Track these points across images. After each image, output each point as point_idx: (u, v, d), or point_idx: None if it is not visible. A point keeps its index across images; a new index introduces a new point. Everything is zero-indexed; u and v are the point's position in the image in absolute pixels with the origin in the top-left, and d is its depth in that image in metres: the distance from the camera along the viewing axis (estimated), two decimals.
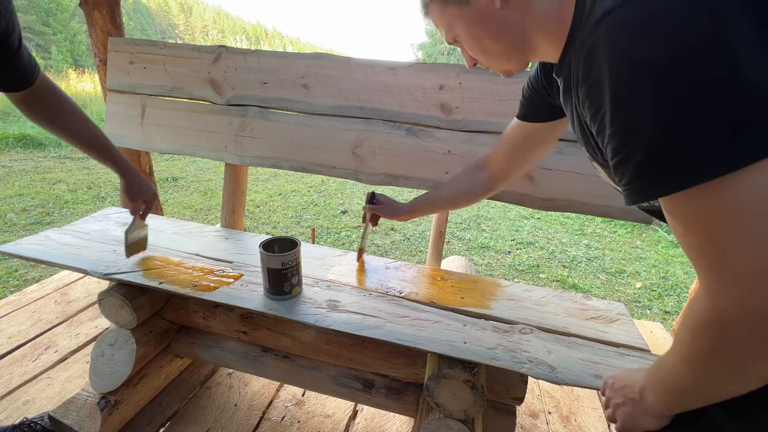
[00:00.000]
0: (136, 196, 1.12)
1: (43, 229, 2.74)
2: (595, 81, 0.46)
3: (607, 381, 0.66)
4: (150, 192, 1.15)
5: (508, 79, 1.26)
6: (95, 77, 9.45)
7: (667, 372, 0.52)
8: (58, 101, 0.98)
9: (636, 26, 0.41)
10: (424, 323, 0.98)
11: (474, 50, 0.65)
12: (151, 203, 1.17)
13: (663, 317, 2.74)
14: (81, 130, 1.03)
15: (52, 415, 1.14)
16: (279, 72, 1.44)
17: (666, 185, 0.42)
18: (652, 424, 0.56)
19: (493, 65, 0.67)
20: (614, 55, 0.43)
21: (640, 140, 0.42)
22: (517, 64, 0.65)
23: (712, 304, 0.42)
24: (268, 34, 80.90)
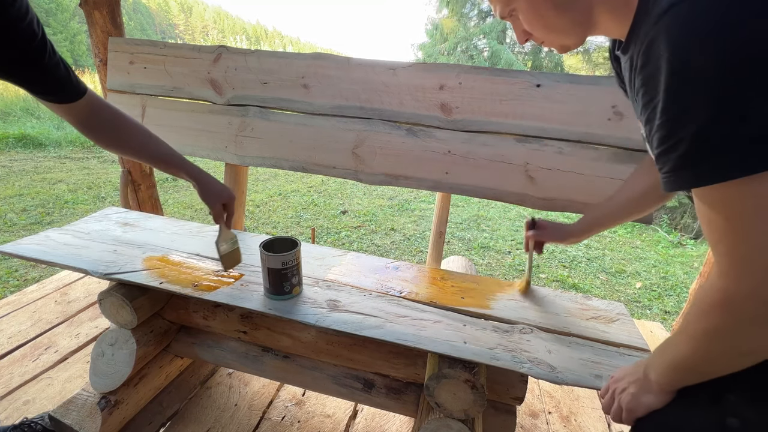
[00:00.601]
0: (214, 201, 1.05)
1: (43, 229, 2.74)
2: (651, 71, 0.48)
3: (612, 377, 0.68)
4: (228, 195, 1.08)
5: (508, 79, 1.26)
6: (95, 77, 9.43)
7: (673, 348, 0.56)
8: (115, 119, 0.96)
9: (697, 24, 0.42)
10: (424, 323, 0.98)
11: (533, 24, 0.63)
12: (232, 207, 1.09)
13: (663, 317, 2.74)
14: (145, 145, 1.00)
15: (53, 415, 1.14)
16: (279, 72, 1.44)
17: (703, 178, 0.45)
18: (654, 402, 0.59)
19: (550, 40, 0.65)
20: (672, 51, 0.44)
21: (685, 134, 0.45)
22: (576, 38, 0.64)
23: (724, 285, 0.47)
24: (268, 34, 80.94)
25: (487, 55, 11.76)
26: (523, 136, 1.28)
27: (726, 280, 0.47)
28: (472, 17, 12.70)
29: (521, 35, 0.67)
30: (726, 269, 0.47)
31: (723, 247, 0.47)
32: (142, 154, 1.02)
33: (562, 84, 1.23)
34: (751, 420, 0.51)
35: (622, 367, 0.68)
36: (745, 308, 0.46)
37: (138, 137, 1.00)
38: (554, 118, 1.25)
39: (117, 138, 0.98)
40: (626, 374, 0.65)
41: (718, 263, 0.48)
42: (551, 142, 1.26)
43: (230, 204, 1.09)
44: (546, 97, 1.24)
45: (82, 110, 0.90)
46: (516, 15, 0.64)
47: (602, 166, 1.23)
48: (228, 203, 1.08)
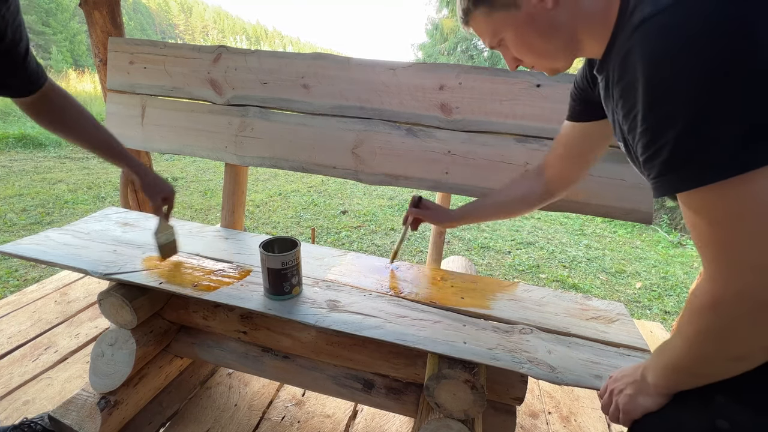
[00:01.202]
0: (155, 195, 1.11)
1: (43, 229, 2.74)
2: (629, 82, 0.50)
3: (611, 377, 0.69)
4: (169, 189, 1.14)
5: (508, 79, 1.26)
6: (95, 77, 9.44)
7: (669, 351, 0.57)
8: (65, 105, 0.98)
9: (670, 35, 0.44)
10: (424, 323, 0.98)
11: (521, 51, 0.66)
12: (172, 201, 1.15)
13: (663, 317, 2.74)
14: (90, 132, 1.03)
15: (52, 415, 1.14)
16: (279, 72, 1.44)
17: (685, 182, 0.47)
18: (651, 404, 0.60)
19: (540, 65, 0.68)
20: (648, 60, 0.46)
21: (666, 140, 0.46)
22: (564, 62, 0.66)
23: (713, 289, 0.48)
24: (268, 34, 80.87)
25: (487, 55, 11.76)
26: (523, 136, 1.28)
27: (713, 284, 0.48)
28: None
29: (512, 62, 0.70)
30: (713, 273, 0.48)
31: (709, 251, 0.48)
32: (88, 143, 1.03)
33: (562, 84, 1.23)
34: (739, 422, 0.51)
35: (621, 368, 0.69)
36: (732, 309, 0.46)
37: (86, 126, 1.02)
38: (554, 118, 1.25)
39: (64, 122, 0.99)
40: (624, 375, 0.66)
41: (706, 268, 0.49)
42: (551, 142, 1.26)
43: (170, 198, 1.15)
44: (546, 97, 1.24)
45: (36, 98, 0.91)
46: (504, 44, 0.67)
47: (601, 166, 1.23)
48: (168, 197, 1.14)
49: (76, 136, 1.01)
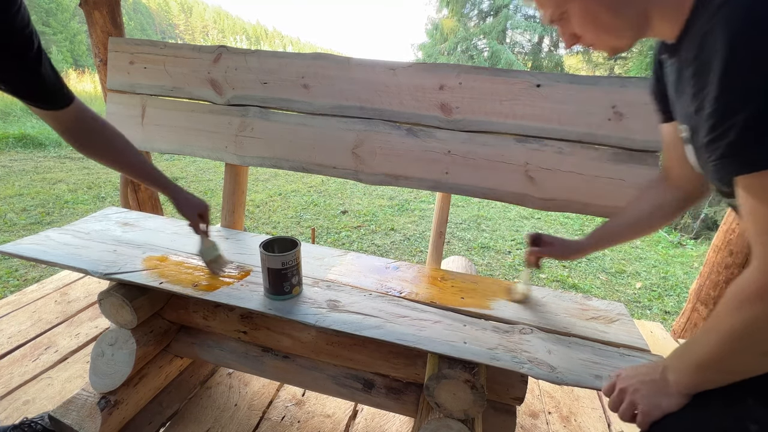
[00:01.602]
0: (191, 213, 1.12)
1: (43, 229, 2.74)
2: (703, 62, 0.49)
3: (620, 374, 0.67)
4: (204, 205, 1.15)
5: (508, 79, 1.26)
6: (95, 77, 9.44)
7: (698, 347, 0.56)
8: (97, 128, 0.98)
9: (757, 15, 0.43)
10: (424, 323, 0.98)
11: (585, 26, 0.63)
12: (207, 217, 1.16)
13: (663, 317, 2.74)
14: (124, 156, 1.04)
15: (52, 414, 1.14)
16: (279, 72, 1.44)
17: (749, 165, 0.47)
18: (670, 404, 0.59)
19: (602, 42, 0.64)
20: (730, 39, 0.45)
21: (735, 121, 0.46)
22: (628, 40, 0.63)
23: (763, 278, 0.47)
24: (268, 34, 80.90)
25: (487, 55, 11.76)
26: (523, 136, 1.28)
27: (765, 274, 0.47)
28: (472, 17, 12.71)
29: (569, 39, 0.66)
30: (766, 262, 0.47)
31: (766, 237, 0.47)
32: (122, 166, 1.05)
33: (562, 84, 1.23)
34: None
35: (631, 366, 0.67)
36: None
37: (121, 149, 1.03)
38: (554, 118, 1.25)
39: (100, 147, 1.00)
40: (638, 374, 0.64)
41: (758, 256, 0.48)
42: (551, 142, 1.26)
43: (205, 214, 1.15)
44: (546, 97, 1.24)
45: (68, 118, 0.92)
46: (566, 18, 0.63)
47: (602, 166, 1.23)
48: (203, 213, 1.15)
49: (115, 162, 1.03)
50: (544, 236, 1.04)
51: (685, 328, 1.99)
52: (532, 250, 1.03)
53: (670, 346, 1.88)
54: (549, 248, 1.02)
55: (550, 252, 1.02)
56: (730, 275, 1.79)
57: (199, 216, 1.14)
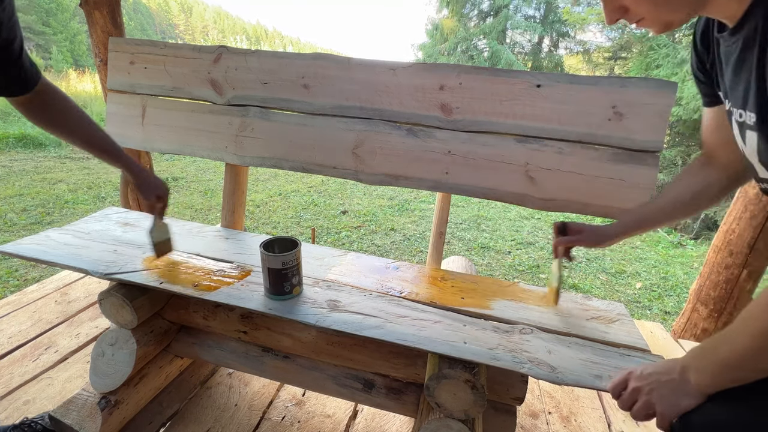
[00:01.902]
0: (149, 194, 1.13)
1: (43, 229, 2.74)
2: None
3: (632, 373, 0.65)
4: (163, 187, 1.16)
5: (508, 79, 1.26)
6: (95, 77, 9.45)
7: (727, 347, 0.55)
8: (61, 104, 0.98)
9: None
10: (424, 323, 0.98)
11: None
12: (166, 200, 1.17)
13: (663, 317, 2.74)
14: (85, 131, 1.03)
15: (53, 414, 1.14)
16: (279, 72, 1.44)
17: None
18: (690, 404, 0.58)
19: (654, 16, 0.59)
20: None
21: None
22: (683, 14, 0.58)
23: None
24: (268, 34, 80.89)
25: (487, 55, 11.76)
26: (523, 136, 1.28)
27: None
28: (472, 17, 12.71)
29: (614, 11, 0.60)
30: None
31: None
32: (83, 142, 1.04)
33: (562, 84, 1.23)
34: None
35: (643, 365, 0.66)
36: None
37: (82, 125, 1.02)
38: (554, 118, 1.25)
39: (58, 120, 0.99)
40: (654, 373, 0.62)
41: None
42: (551, 142, 1.26)
43: (164, 196, 1.16)
44: (546, 97, 1.24)
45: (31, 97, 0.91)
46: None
47: (602, 166, 1.23)
48: (162, 195, 1.15)
49: (71, 134, 1.02)
50: (570, 224, 0.99)
51: (685, 328, 1.99)
52: (560, 240, 0.98)
53: (670, 346, 1.88)
54: (578, 236, 0.96)
55: (580, 240, 0.96)
56: (730, 275, 1.79)
57: (158, 197, 1.14)
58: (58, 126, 0.99)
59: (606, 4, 0.60)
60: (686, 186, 0.87)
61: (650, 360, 0.91)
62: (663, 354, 1.02)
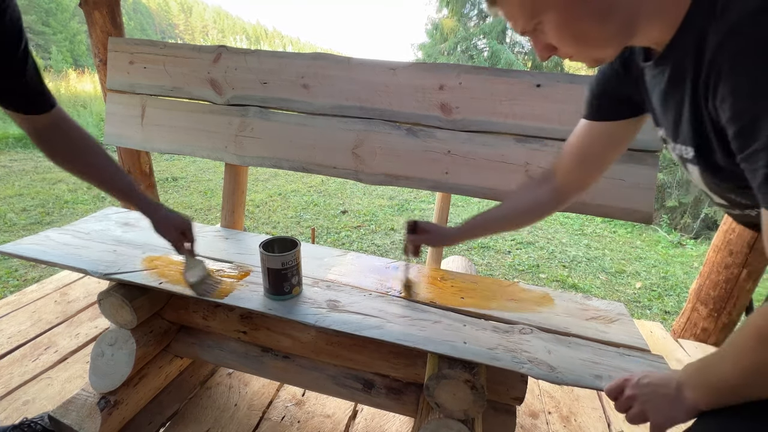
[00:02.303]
0: (170, 232, 1.02)
1: (43, 229, 2.74)
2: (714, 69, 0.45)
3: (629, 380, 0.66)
4: (185, 223, 1.04)
5: (508, 79, 1.26)
6: (95, 77, 9.44)
7: (718, 372, 0.55)
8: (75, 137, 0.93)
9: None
10: (424, 323, 0.98)
11: (563, 37, 0.56)
12: (191, 234, 1.06)
13: (663, 317, 2.74)
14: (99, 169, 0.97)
15: (52, 415, 1.14)
16: (279, 72, 1.44)
17: None
18: (685, 418, 0.58)
19: (582, 54, 0.58)
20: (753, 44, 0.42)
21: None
22: (613, 50, 0.58)
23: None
24: (268, 34, 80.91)
25: (487, 55, 11.75)
26: (523, 136, 1.28)
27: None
28: (472, 17, 12.70)
29: (544, 50, 0.60)
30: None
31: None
32: (94, 178, 0.98)
33: (562, 84, 1.23)
34: None
35: (641, 372, 0.65)
36: None
37: (96, 162, 0.96)
38: (554, 118, 1.25)
39: (73, 158, 0.94)
40: (651, 384, 0.62)
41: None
42: (551, 142, 1.26)
43: (188, 231, 1.05)
44: (546, 97, 1.24)
45: (44, 123, 0.88)
46: (541, 28, 0.57)
47: None
48: (186, 231, 1.05)
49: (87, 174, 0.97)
50: (420, 223, 1.05)
51: (685, 327, 1.99)
52: (410, 238, 1.05)
53: (670, 346, 1.88)
54: (426, 236, 1.04)
55: (427, 240, 1.05)
56: (730, 275, 1.79)
57: (182, 234, 1.04)
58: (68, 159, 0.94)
59: (535, 43, 0.60)
60: (522, 200, 0.94)
61: (650, 360, 0.91)
62: (663, 354, 1.02)
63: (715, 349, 0.57)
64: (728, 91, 0.45)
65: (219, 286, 1.06)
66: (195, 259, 1.07)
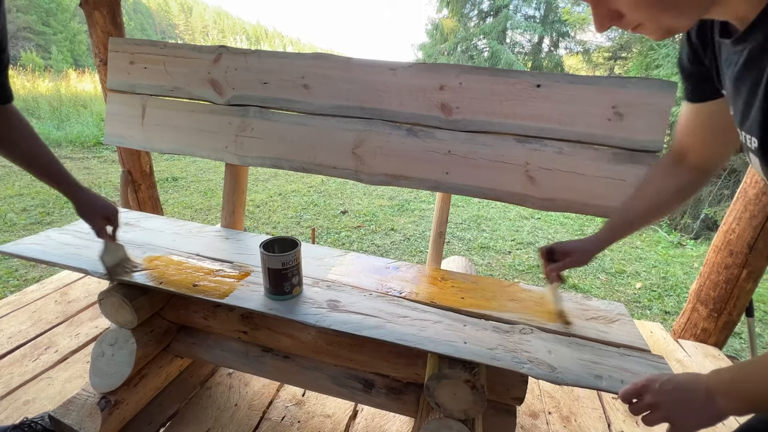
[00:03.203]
0: (94, 217, 1.05)
1: (43, 228, 2.74)
2: None
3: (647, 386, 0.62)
4: (110, 208, 1.08)
5: (508, 79, 1.26)
6: (95, 77, 9.45)
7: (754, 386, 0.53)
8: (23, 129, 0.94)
9: None
10: (424, 323, 0.98)
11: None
12: (116, 220, 1.10)
13: (663, 317, 2.74)
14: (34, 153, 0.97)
15: (53, 415, 1.14)
16: (279, 72, 1.44)
17: None
18: (713, 423, 0.57)
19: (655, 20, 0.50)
20: None
21: None
22: (689, 19, 0.51)
23: None
24: (269, 34, 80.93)
25: (487, 55, 11.76)
26: (523, 136, 1.28)
27: None
28: (472, 17, 12.71)
29: (606, 17, 0.52)
30: None
31: None
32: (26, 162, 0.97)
33: (562, 84, 1.23)
34: None
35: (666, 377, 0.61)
36: None
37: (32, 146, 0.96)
38: (554, 118, 1.25)
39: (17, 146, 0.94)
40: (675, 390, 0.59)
41: None
42: (551, 142, 1.26)
43: (113, 217, 1.08)
44: (546, 97, 1.24)
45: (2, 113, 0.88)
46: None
47: (602, 166, 1.23)
48: (110, 216, 1.08)
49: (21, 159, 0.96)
50: (557, 247, 0.97)
51: (685, 328, 1.99)
52: (552, 267, 0.97)
53: (670, 347, 1.88)
54: (569, 259, 0.96)
55: (572, 262, 0.96)
56: (730, 275, 1.79)
57: (106, 219, 1.07)
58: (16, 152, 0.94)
59: (596, 8, 0.52)
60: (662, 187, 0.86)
61: (650, 360, 0.91)
62: (663, 354, 1.02)
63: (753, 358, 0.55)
64: None
65: (136, 269, 1.12)
66: (115, 244, 1.12)
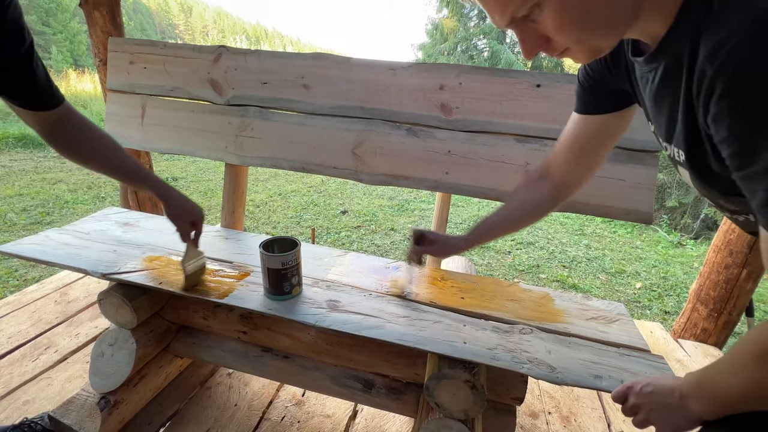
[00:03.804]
0: (181, 219, 1.04)
1: (43, 229, 2.74)
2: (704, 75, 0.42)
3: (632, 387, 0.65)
4: (197, 212, 1.06)
5: (508, 79, 1.26)
6: (95, 77, 9.44)
7: (718, 388, 0.54)
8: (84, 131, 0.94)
9: None
10: (424, 323, 0.98)
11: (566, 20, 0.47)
12: (200, 225, 1.07)
13: (663, 317, 2.74)
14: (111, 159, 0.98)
15: (52, 415, 1.14)
16: (279, 72, 1.44)
17: None
18: (690, 427, 0.58)
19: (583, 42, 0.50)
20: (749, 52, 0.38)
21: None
22: (614, 38, 0.51)
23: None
24: (268, 34, 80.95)
25: (487, 55, 11.75)
26: (523, 136, 1.28)
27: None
28: (472, 17, 12.70)
29: (534, 43, 0.51)
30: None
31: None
32: (109, 168, 0.99)
33: (562, 84, 1.23)
34: None
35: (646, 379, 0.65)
36: None
37: (107, 151, 0.98)
38: (554, 118, 1.25)
39: (85, 150, 0.95)
40: (655, 392, 0.62)
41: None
42: (551, 142, 1.26)
43: (198, 222, 1.07)
44: (546, 97, 1.24)
45: (53, 119, 0.89)
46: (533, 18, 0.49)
47: (602, 166, 1.23)
48: (196, 221, 1.06)
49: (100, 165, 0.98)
50: (428, 234, 1.04)
51: (685, 328, 1.99)
52: (415, 250, 1.04)
53: (670, 347, 1.88)
54: (431, 247, 1.04)
55: (432, 250, 1.05)
56: (730, 275, 1.79)
57: (192, 223, 1.06)
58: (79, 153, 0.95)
59: (523, 36, 0.51)
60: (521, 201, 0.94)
61: (650, 360, 0.91)
62: (663, 354, 1.02)
63: (716, 359, 0.57)
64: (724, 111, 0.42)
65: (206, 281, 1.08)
66: (196, 250, 1.08)
